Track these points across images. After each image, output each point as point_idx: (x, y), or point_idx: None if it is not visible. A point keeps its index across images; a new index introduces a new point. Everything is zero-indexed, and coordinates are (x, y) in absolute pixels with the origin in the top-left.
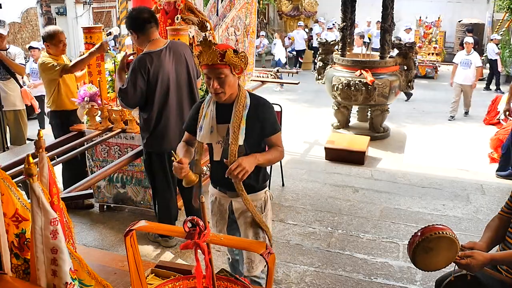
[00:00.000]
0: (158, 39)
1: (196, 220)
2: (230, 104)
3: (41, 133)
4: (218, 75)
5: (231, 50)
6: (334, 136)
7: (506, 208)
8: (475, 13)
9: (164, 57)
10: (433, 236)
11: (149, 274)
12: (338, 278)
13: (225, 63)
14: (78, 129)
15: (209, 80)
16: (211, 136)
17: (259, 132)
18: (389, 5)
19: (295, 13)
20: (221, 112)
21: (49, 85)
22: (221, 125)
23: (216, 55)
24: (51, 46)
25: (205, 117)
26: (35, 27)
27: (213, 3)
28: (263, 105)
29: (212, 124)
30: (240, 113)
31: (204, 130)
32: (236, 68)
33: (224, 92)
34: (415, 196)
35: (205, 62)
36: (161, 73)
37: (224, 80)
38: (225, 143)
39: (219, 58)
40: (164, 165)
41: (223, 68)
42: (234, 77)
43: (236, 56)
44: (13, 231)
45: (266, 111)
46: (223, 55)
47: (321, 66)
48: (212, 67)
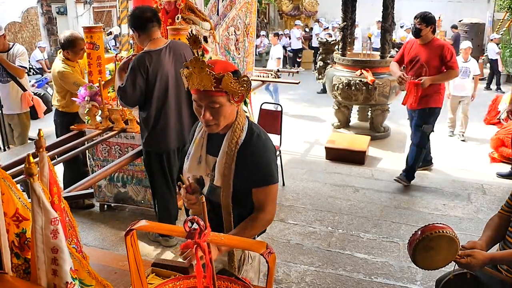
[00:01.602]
0: (159, 39)
1: (197, 219)
2: (224, 134)
3: (41, 132)
4: (212, 104)
5: (230, 74)
6: (334, 135)
7: (506, 207)
8: (476, 13)
9: (163, 56)
10: (434, 235)
11: (150, 274)
12: (339, 278)
13: (221, 90)
14: (79, 129)
15: (199, 108)
16: (198, 167)
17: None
18: (389, 5)
19: (296, 13)
20: (213, 141)
21: (61, 89)
22: (211, 157)
23: (210, 79)
24: (71, 53)
25: (194, 144)
26: (35, 27)
27: (213, 2)
28: (253, 145)
29: (201, 154)
30: (233, 151)
31: (191, 160)
32: (236, 95)
33: (218, 124)
34: (415, 195)
35: (195, 86)
36: (160, 72)
37: (218, 110)
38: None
39: (213, 84)
40: (163, 165)
41: (219, 95)
42: (232, 106)
43: (237, 81)
44: (13, 231)
45: (253, 154)
46: (220, 80)
47: (321, 65)
48: (204, 94)
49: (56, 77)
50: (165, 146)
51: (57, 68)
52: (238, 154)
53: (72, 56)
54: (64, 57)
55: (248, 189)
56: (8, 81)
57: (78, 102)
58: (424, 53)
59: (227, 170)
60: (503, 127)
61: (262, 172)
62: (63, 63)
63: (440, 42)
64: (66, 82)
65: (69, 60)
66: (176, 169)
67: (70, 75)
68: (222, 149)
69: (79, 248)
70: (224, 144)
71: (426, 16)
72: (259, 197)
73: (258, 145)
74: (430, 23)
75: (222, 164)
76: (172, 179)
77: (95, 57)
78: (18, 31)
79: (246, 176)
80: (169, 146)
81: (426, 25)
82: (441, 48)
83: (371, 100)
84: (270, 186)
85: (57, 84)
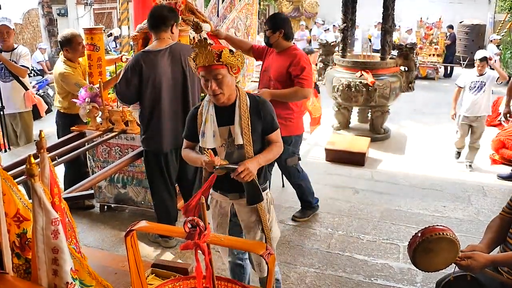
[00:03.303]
0: (164, 39)
1: (196, 220)
2: (229, 106)
3: (42, 133)
4: (216, 76)
5: (227, 50)
6: (334, 137)
7: (508, 209)
8: (477, 14)
9: (161, 57)
10: (434, 237)
11: (149, 275)
12: (338, 279)
13: (222, 63)
14: (79, 130)
15: (207, 82)
16: (214, 140)
17: (260, 130)
18: (390, 6)
19: (296, 14)
20: (220, 115)
21: (63, 91)
22: (222, 128)
23: (213, 55)
24: (70, 50)
25: (205, 122)
26: (36, 28)
27: (213, 4)
28: (262, 103)
29: (213, 129)
30: (246, 113)
31: (207, 135)
32: (233, 67)
33: (223, 93)
34: (415, 197)
35: (201, 63)
36: (154, 73)
37: (222, 81)
38: (228, 146)
39: (215, 59)
40: (161, 166)
41: (220, 68)
42: (232, 77)
43: (233, 56)
44: (14, 231)
45: (266, 109)
46: (219, 55)
47: (321, 67)
48: (209, 68)
49: (57, 79)
50: (159, 147)
51: (58, 69)
52: (250, 114)
53: (71, 53)
54: (65, 57)
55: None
56: (11, 80)
57: (78, 103)
58: (275, 63)
59: (246, 129)
60: (504, 129)
61: (272, 120)
62: (64, 64)
63: (295, 52)
64: (67, 83)
65: (70, 61)
66: (174, 171)
67: (71, 76)
68: (237, 114)
69: (78, 248)
70: (237, 110)
71: (272, 19)
72: (272, 138)
73: (263, 103)
74: (276, 28)
75: (241, 125)
76: (171, 181)
77: (95, 58)
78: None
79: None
80: (163, 147)
81: (272, 31)
82: (291, 59)
83: (371, 101)
84: (278, 130)
85: (58, 86)
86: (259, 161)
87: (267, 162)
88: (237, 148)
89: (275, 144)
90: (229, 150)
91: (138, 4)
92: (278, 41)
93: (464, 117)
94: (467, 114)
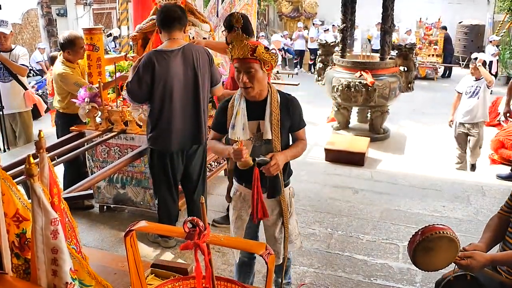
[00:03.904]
0: (177, 40)
1: (196, 220)
2: (261, 101)
3: (41, 133)
4: (248, 69)
5: (262, 46)
6: (334, 137)
7: (506, 207)
8: (476, 14)
9: (174, 57)
10: (434, 236)
11: (149, 275)
12: (338, 279)
13: (256, 58)
14: (78, 130)
15: (239, 74)
16: (243, 133)
17: (288, 127)
18: (389, 6)
19: (295, 14)
20: (251, 109)
21: (62, 91)
22: (252, 122)
23: (248, 49)
24: (71, 53)
25: (236, 115)
26: (35, 28)
27: (213, 4)
28: (292, 101)
29: (243, 122)
30: (277, 109)
31: (237, 127)
32: (266, 64)
33: (253, 87)
34: (415, 197)
35: (236, 55)
36: (166, 73)
37: (253, 75)
38: (255, 140)
39: (250, 52)
40: (166, 166)
41: (253, 62)
42: (264, 74)
43: (267, 53)
44: (14, 231)
45: (295, 107)
46: (254, 50)
47: (321, 67)
48: (242, 61)
49: (56, 79)
50: (166, 147)
51: (57, 70)
52: (280, 110)
53: (72, 56)
54: (64, 58)
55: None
56: (10, 80)
57: (78, 103)
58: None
59: (275, 124)
60: (503, 129)
61: (300, 118)
62: (63, 64)
63: None
64: (66, 83)
65: (69, 62)
66: (180, 172)
67: (70, 76)
68: (268, 110)
69: (78, 248)
70: (268, 106)
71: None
72: (299, 135)
73: (292, 101)
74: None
75: (271, 120)
76: (175, 181)
77: (94, 58)
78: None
79: (289, 124)
80: (170, 147)
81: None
82: None
83: (371, 101)
84: (304, 128)
85: (57, 86)
86: (287, 156)
87: (293, 158)
88: (264, 142)
89: (300, 141)
90: (256, 144)
91: (137, 4)
92: None
93: (460, 124)
94: (462, 120)
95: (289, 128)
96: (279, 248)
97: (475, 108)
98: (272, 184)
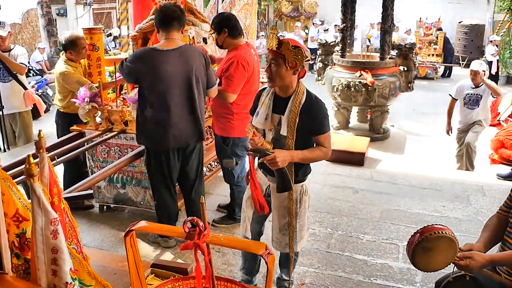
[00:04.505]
0: (174, 40)
1: (196, 220)
2: (286, 98)
3: (41, 133)
4: (273, 61)
5: (289, 42)
6: (334, 137)
7: (505, 207)
8: (476, 14)
9: (168, 57)
10: (432, 236)
11: (149, 275)
12: (338, 279)
13: (280, 52)
14: (78, 130)
15: (267, 64)
16: (265, 122)
17: (308, 129)
18: (389, 6)
19: (295, 14)
20: (277, 103)
21: (64, 90)
22: (275, 115)
23: (274, 41)
24: (73, 53)
25: (263, 105)
26: (35, 28)
27: (213, 4)
28: (316, 105)
29: (267, 113)
30: (297, 109)
31: (260, 116)
32: (290, 61)
33: (273, 80)
34: (415, 197)
35: (267, 46)
36: (158, 72)
37: (275, 69)
38: (275, 132)
39: (276, 45)
40: (161, 164)
41: (278, 56)
42: (288, 71)
43: (293, 51)
44: (13, 231)
45: (317, 110)
46: (281, 44)
47: (321, 67)
48: (270, 52)
49: (58, 78)
50: (158, 145)
51: (59, 69)
52: (300, 112)
53: (75, 56)
54: (67, 58)
55: (307, 136)
56: (10, 80)
57: (77, 103)
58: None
59: (292, 123)
60: (503, 129)
61: (321, 123)
62: (65, 64)
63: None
64: (68, 82)
65: (71, 61)
66: (176, 170)
67: (71, 75)
68: (289, 107)
69: (79, 248)
70: (290, 104)
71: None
72: (320, 140)
73: (317, 104)
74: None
75: (289, 118)
76: (172, 180)
77: (94, 58)
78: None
79: (308, 127)
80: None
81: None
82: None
83: (371, 101)
84: (326, 133)
85: (59, 85)
86: (294, 156)
87: (303, 161)
88: (282, 137)
89: (319, 147)
90: (276, 136)
91: (137, 4)
92: (225, 41)
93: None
94: (460, 126)
95: (309, 130)
96: (282, 238)
97: (475, 115)
98: (280, 180)
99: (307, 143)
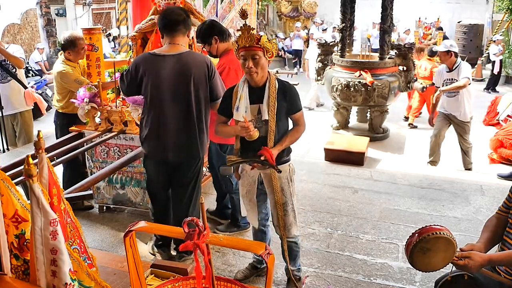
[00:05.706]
0: (177, 45)
1: (196, 221)
2: (260, 87)
3: (40, 134)
4: (253, 56)
5: (265, 36)
6: (333, 137)
7: (504, 207)
8: (475, 14)
9: (162, 63)
10: (431, 237)
11: (149, 275)
12: (338, 279)
13: (260, 46)
14: (78, 130)
15: (245, 61)
16: (245, 115)
17: (285, 111)
18: (388, 6)
19: (295, 14)
20: (252, 94)
21: (62, 90)
22: (253, 106)
23: (254, 38)
24: (72, 53)
25: (240, 99)
26: (34, 28)
27: (212, 4)
28: (288, 87)
29: (246, 105)
30: (274, 94)
31: (241, 110)
32: (269, 52)
33: (257, 72)
34: (414, 197)
35: (243, 44)
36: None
37: (258, 61)
38: (256, 122)
39: (255, 41)
40: (156, 169)
41: (258, 50)
42: (266, 61)
43: (269, 42)
44: (12, 232)
45: (291, 93)
46: (259, 39)
47: (320, 67)
48: (249, 49)
49: (57, 78)
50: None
51: (57, 68)
52: (277, 95)
53: (73, 56)
54: (65, 58)
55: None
56: (9, 80)
57: (77, 103)
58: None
59: (272, 107)
60: (502, 128)
61: (296, 102)
62: (63, 63)
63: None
64: (67, 81)
65: (69, 61)
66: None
67: (70, 74)
68: (266, 94)
69: (83, 248)
70: (266, 91)
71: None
72: (296, 117)
73: (288, 86)
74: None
75: (269, 103)
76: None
77: (94, 58)
78: (17, 32)
79: (286, 108)
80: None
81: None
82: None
83: (370, 101)
84: (301, 111)
85: (58, 85)
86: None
87: (287, 146)
88: (264, 123)
89: (296, 129)
90: (257, 125)
91: (136, 4)
92: (218, 48)
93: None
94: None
95: (286, 111)
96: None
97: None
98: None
99: (286, 125)
